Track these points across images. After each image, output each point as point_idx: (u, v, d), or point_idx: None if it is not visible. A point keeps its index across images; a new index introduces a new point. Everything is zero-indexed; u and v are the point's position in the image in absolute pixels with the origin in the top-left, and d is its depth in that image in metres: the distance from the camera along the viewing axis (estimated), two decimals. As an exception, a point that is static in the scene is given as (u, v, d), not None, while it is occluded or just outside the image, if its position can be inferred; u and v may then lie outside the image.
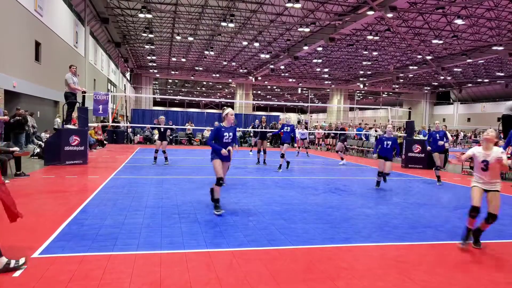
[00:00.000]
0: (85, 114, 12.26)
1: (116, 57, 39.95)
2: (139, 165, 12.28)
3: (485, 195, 4.62)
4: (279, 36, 31.75)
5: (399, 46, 33.12)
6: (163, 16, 27.73)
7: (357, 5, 23.29)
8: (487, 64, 39.09)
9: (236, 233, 4.87)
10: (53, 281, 3.28)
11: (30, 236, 4.45)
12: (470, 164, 13.32)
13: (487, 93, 52.94)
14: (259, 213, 6.02)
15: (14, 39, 14.84)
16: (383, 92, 59.42)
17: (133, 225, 5.09)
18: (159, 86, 70.76)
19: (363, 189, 8.85)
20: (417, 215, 6.31)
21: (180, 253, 4.07)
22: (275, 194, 7.76)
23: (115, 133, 23.93)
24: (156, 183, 8.64)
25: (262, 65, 44.03)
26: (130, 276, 3.44)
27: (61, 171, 9.94)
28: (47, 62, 18.41)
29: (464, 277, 3.76)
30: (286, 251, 4.30)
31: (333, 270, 3.78)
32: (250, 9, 25.45)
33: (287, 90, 68.70)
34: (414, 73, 44.02)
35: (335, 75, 49.90)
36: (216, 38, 33.06)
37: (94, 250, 4.06)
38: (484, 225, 4.61)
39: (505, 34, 27.95)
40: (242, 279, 3.47)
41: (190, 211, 6.02)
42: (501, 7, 22.51)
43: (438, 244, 4.81)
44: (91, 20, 26.13)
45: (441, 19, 25.54)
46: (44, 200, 6.51)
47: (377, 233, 5.15)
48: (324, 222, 5.64)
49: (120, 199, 6.74)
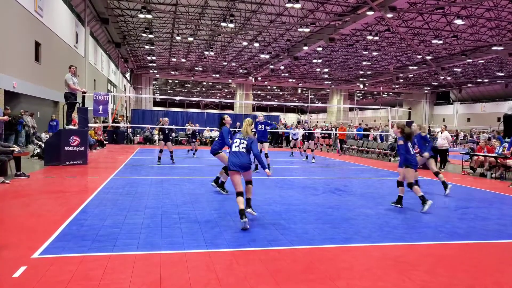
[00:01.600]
0: (85, 114, 12.26)
1: (116, 57, 39.97)
2: (139, 166, 12.28)
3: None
4: (279, 37, 31.77)
5: (399, 46, 33.13)
6: (163, 16, 27.75)
7: (357, 5, 23.30)
8: (487, 64, 39.11)
9: (236, 234, 4.87)
10: (53, 281, 3.29)
11: (30, 236, 4.45)
12: (470, 164, 13.33)
13: (487, 93, 52.96)
14: (259, 213, 6.02)
15: (14, 39, 14.84)
16: (383, 92, 59.47)
17: (133, 225, 5.09)
18: (159, 87, 70.79)
19: (363, 189, 8.85)
20: (417, 215, 6.30)
21: (180, 254, 4.07)
22: (275, 194, 7.76)
23: (115, 133, 23.95)
24: (156, 184, 8.64)
25: (262, 66, 44.04)
26: (130, 277, 3.44)
27: (61, 172, 9.94)
28: (47, 63, 18.41)
29: (465, 277, 3.76)
30: (286, 251, 4.30)
31: (333, 270, 3.78)
32: (250, 9, 25.45)
33: (287, 90, 68.73)
34: (414, 73, 44.04)
35: (335, 75, 49.92)
36: (216, 38, 33.08)
37: (94, 251, 4.06)
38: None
39: (504, 34, 27.95)
40: (242, 279, 3.47)
41: (190, 211, 6.02)
42: (500, 7, 22.52)
43: (438, 244, 4.80)
44: (91, 20, 26.14)
45: (440, 19, 25.55)
46: (44, 200, 6.50)
47: (377, 233, 5.15)
48: (324, 222, 5.64)
49: (120, 199, 6.74)
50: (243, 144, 5.50)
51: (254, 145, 5.54)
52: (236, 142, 5.55)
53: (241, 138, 5.55)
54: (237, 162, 5.39)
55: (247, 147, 5.49)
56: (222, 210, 6.20)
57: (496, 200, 8.18)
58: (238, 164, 5.39)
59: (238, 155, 5.45)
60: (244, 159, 5.42)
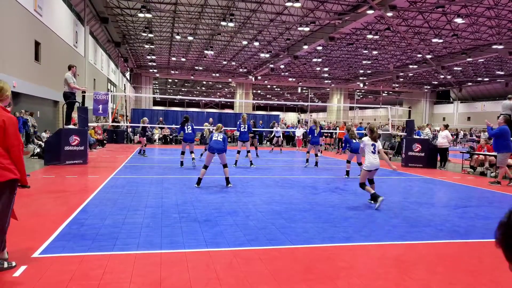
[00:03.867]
0: (85, 114, 12.26)
1: (115, 56, 39.94)
2: (139, 165, 12.28)
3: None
4: (279, 36, 31.73)
5: (399, 45, 33.10)
6: (163, 15, 27.72)
7: (357, 4, 23.26)
8: (487, 62, 39.07)
9: (236, 233, 4.87)
10: (53, 281, 3.29)
11: (30, 236, 4.45)
12: (471, 163, 13.32)
13: (487, 92, 52.93)
14: (259, 212, 6.02)
15: (14, 39, 14.83)
16: (383, 91, 59.42)
17: (133, 224, 5.09)
18: (159, 86, 70.76)
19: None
20: (417, 214, 6.30)
21: (180, 253, 4.07)
22: (275, 194, 7.76)
23: (115, 132, 23.95)
24: (156, 183, 8.64)
25: (262, 65, 44.01)
26: (130, 276, 3.44)
27: (61, 171, 9.95)
28: (47, 62, 18.40)
29: (464, 276, 3.77)
30: (286, 250, 4.30)
31: (333, 269, 3.78)
32: (250, 8, 25.43)
33: (287, 90, 68.70)
34: (414, 72, 44.00)
35: (335, 74, 49.89)
36: (216, 37, 33.05)
37: (94, 250, 4.06)
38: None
39: (505, 32, 27.92)
40: (242, 279, 3.47)
41: (190, 210, 6.02)
42: (501, 6, 22.48)
43: (438, 243, 4.81)
44: (91, 19, 26.13)
45: (441, 18, 25.51)
46: (44, 200, 6.51)
47: (377, 232, 5.15)
48: (324, 221, 5.64)
49: (120, 199, 6.74)
50: (220, 136, 8.19)
51: (225, 138, 8.29)
52: (216, 135, 8.25)
53: (219, 133, 8.35)
54: (215, 147, 8.06)
55: (223, 138, 8.19)
56: (222, 209, 6.20)
57: (496, 199, 8.17)
58: (216, 148, 8.06)
59: (218, 143, 8.11)
60: (219, 145, 8.09)
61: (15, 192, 3.55)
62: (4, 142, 3.43)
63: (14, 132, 3.47)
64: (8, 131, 3.43)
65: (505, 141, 9.97)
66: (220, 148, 8.07)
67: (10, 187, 3.46)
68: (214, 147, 8.05)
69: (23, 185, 3.63)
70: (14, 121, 3.53)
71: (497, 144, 10.11)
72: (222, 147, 8.08)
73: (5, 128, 3.41)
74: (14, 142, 3.46)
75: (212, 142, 8.12)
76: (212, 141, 8.14)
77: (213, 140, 8.14)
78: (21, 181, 3.57)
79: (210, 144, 8.13)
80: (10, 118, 3.49)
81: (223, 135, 8.24)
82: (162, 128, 24.69)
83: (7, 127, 3.42)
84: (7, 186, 3.43)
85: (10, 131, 3.44)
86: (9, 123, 3.45)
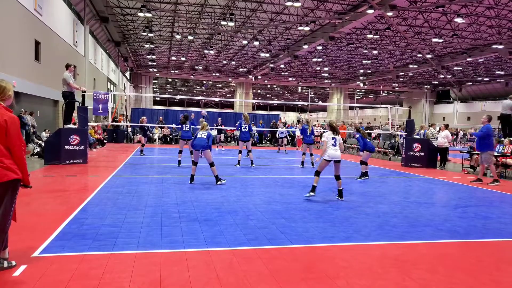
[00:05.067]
0: (85, 113, 12.25)
1: (115, 56, 39.92)
2: (139, 165, 12.28)
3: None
4: (279, 35, 31.72)
5: (399, 44, 33.09)
6: (163, 15, 27.70)
7: (357, 4, 23.25)
8: (487, 62, 39.07)
9: (236, 232, 4.87)
10: (53, 280, 3.29)
11: (30, 236, 4.45)
12: (470, 163, 13.33)
13: (487, 91, 52.93)
14: (259, 212, 6.02)
15: (14, 38, 14.82)
16: (383, 91, 59.44)
17: (133, 224, 5.09)
18: (159, 85, 70.74)
19: (363, 188, 8.85)
20: (417, 214, 6.30)
21: (180, 252, 4.07)
22: (275, 193, 7.76)
23: (115, 132, 23.95)
24: (156, 182, 8.64)
25: (262, 64, 44.00)
26: (130, 275, 3.44)
27: (61, 171, 9.94)
28: (46, 62, 18.39)
29: (464, 276, 3.76)
30: (286, 250, 4.30)
31: (333, 269, 3.78)
32: (250, 8, 25.42)
33: (287, 89, 68.68)
34: (414, 71, 43.99)
35: (335, 74, 49.88)
36: (216, 37, 33.03)
37: (94, 249, 4.06)
38: None
39: (505, 32, 27.91)
40: (242, 278, 3.47)
41: (190, 210, 6.02)
42: (501, 6, 22.48)
43: (438, 243, 4.81)
44: (91, 19, 26.10)
45: (441, 17, 25.51)
46: (44, 199, 6.51)
47: (377, 232, 5.15)
48: (324, 221, 5.64)
49: (120, 198, 6.74)
50: (204, 134, 8.61)
51: (210, 135, 8.67)
52: (200, 133, 8.66)
53: (204, 131, 8.69)
54: (198, 143, 8.47)
55: (207, 136, 8.60)
56: (222, 209, 6.20)
57: (496, 198, 8.17)
58: (199, 145, 8.46)
59: (202, 140, 8.53)
60: (203, 143, 8.48)
61: (17, 192, 3.54)
62: (6, 142, 3.43)
63: (16, 132, 3.47)
64: (10, 131, 3.42)
65: (489, 141, 10.23)
66: (204, 145, 8.44)
67: (12, 187, 3.45)
68: (197, 144, 8.49)
69: (25, 185, 3.62)
70: (16, 121, 3.53)
71: (481, 144, 10.35)
72: (205, 144, 8.45)
73: (7, 128, 3.41)
74: (16, 142, 3.46)
75: (196, 140, 8.57)
76: (197, 139, 8.58)
77: (198, 138, 8.59)
78: (23, 181, 3.56)
79: (194, 142, 8.55)
80: (12, 118, 3.49)
81: (208, 133, 8.63)
82: (162, 127, 24.70)
83: (9, 127, 3.42)
84: (9, 186, 3.43)
85: (12, 131, 3.44)
86: (11, 122, 3.44)
